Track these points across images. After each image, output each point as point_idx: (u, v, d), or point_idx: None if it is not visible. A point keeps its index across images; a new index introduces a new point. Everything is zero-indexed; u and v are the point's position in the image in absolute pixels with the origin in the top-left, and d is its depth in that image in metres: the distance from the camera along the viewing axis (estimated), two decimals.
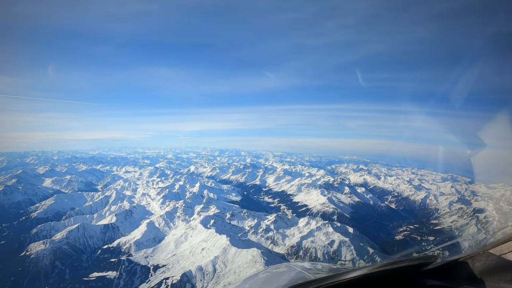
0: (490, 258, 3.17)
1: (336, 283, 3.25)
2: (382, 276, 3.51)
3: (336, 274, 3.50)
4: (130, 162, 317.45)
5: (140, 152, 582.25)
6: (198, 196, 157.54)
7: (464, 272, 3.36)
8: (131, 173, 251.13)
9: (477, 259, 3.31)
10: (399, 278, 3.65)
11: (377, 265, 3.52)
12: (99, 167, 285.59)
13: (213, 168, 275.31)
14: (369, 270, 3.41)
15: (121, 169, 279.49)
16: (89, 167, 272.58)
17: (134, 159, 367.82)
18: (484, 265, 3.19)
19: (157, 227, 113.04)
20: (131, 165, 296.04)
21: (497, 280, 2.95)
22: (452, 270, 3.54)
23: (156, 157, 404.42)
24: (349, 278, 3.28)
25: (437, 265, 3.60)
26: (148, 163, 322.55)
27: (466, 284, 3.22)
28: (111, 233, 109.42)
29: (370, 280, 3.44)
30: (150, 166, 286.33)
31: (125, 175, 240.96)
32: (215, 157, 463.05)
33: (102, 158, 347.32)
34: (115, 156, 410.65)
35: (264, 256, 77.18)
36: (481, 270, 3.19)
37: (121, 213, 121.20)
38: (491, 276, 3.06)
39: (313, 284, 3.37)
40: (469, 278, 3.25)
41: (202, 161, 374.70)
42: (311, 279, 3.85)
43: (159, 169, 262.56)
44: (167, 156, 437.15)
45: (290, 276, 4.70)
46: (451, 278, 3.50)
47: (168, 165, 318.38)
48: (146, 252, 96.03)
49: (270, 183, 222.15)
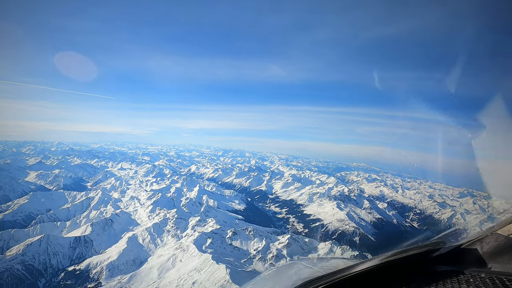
0: (498, 239, 3.18)
1: (346, 276, 3.23)
2: (392, 266, 3.43)
3: (346, 267, 3.39)
4: (128, 158, 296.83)
5: (142, 148, 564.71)
6: (195, 203, 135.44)
7: (473, 255, 3.35)
8: (126, 171, 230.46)
9: (486, 241, 3.30)
10: (409, 266, 3.61)
11: (387, 255, 3.41)
12: (94, 162, 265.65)
13: (216, 169, 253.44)
14: (379, 260, 3.34)
15: (117, 165, 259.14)
16: (83, 162, 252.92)
17: (134, 155, 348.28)
18: (493, 246, 3.20)
19: (140, 243, 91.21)
20: (129, 161, 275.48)
21: (507, 261, 2.96)
22: (461, 254, 3.54)
23: (157, 154, 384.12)
24: (359, 270, 3.24)
25: (446, 250, 3.61)
26: (147, 160, 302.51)
27: (475, 266, 3.21)
28: (82, 249, 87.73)
29: (380, 270, 3.39)
30: (149, 163, 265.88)
31: (119, 173, 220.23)
32: (218, 157, 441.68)
33: (99, 152, 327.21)
34: (115, 151, 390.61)
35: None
36: (490, 252, 3.20)
37: (100, 222, 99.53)
38: (501, 256, 3.06)
39: (324, 279, 3.31)
40: (479, 260, 3.24)
41: (205, 160, 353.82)
42: (321, 275, 3.59)
43: (157, 167, 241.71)
44: (168, 154, 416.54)
45: (301, 273, 4.58)
46: (461, 261, 3.49)
47: (168, 163, 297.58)
48: (121, 280, 74.17)
49: (277, 190, 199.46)
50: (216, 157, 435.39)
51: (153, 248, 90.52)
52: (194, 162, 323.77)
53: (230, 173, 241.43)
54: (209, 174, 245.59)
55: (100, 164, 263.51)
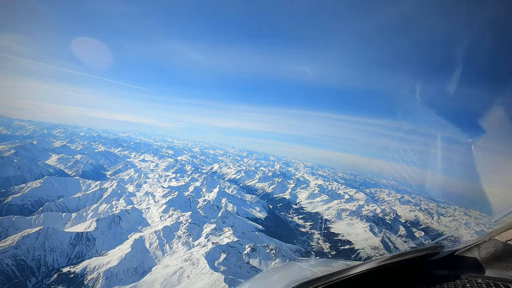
0: (496, 245, 3.12)
1: (344, 278, 3.20)
2: (389, 269, 3.43)
3: (343, 270, 3.36)
4: (152, 150, 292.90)
5: (168, 141, 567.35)
6: (213, 206, 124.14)
7: (470, 260, 3.31)
8: (147, 163, 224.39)
9: (484, 246, 3.24)
10: (406, 270, 3.59)
11: (385, 258, 3.40)
12: (117, 151, 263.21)
13: (238, 170, 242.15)
14: (376, 263, 3.32)
15: (139, 156, 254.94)
16: (107, 149, 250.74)
17: (158, 148, 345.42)
18: (490, 252, 3.14)
19: (147, 248, 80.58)
20: (152, 153, 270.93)
21: (505, 267, 2.94)
22: (459, 259, 3.47)
23: (181, 149, 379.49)
24: (356, 272, 3.22)
25: (444, 254, 3.56)
26: (170, 154, 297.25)
27: (473, 272, 3.19)
28: (82, 248, 78.34)
29: (378, 273, 3.38)
30: (172, 157, 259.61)
31: (140, 164, 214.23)
32: (242, 158, 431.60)
33: (125, 142, 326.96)
34: (140, 142, 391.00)
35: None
36: (487, 257, 3.15)
37: (107, 218, 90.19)
38: (498, 262, 3.02)
39: (321, 280, 3.28)
40: (476, 266, 3.21)
41: (228, 160, 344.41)
42: (319, 276, 3.56)
43: (179, 162, 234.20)
44: (193, 149, 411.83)
45: (298, 274, 4.47)
46: (458, 266, 3.43)
47: (191, 159, 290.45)
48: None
49: (302, 200, 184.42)
50: (240, 157, 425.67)
51: (160, 255, 79.56)
52: (217, 161, 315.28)
53: (253, 176, 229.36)
54: (231, 174, 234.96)
55: (123, 153, 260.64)
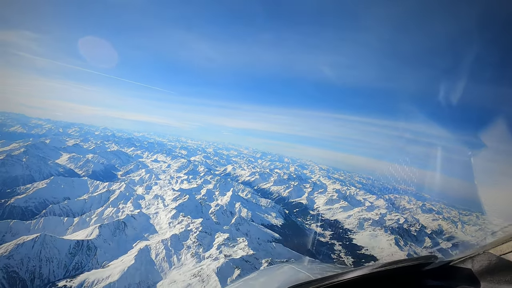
0: (490, 258, 3.16)
1: (336, 283, 3.24)
2: (382, 277, 3.49)
3: (336, 274, 3.42)
4: (165, 150, 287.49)
5: (182, 141, 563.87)
6: (226, 212, 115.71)
7: (464, 272, 3.34)
8: (159, 163, 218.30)
9: (477, 259, 3.29)
10: (399, 278, 3.63)
11: (378, 265, 3.45)
12: (130, 150, 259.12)
13: (253, 172, 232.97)
14: (369, 270, 3.37)
15: (152, 156, 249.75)
16: (119, 149, 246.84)
17: (172, 148, 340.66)
18: (484, 265, 3.18)
19: (152, 259, 72.53)
20: (164, 153, 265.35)
21: (497, 281, 2.96)
22: (452, 270, 3.51)
23: (194, 149, 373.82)
24: (349, 278, 3.26)
25: (437, 265, 3.59)
26: (184, 155, 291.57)
27: (466, 284, 3.21)
28: (82, 258, 70.96)
29: (370, 280, 3.42)
30: (185, 158, 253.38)
31: (152, 165, 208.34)
32: (256, 159, 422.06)
33: (139, 141, 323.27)
34: (154, 141, 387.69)
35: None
36: (481, 270, 3.18)
37: (111, 224, 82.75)
38: (491, 276, 3.05)
39: (314, 284, 3.33)
40: (469, 278, 3.24)
41: (242, 161, 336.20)
42: (311, 279, 3.72)
43: (192, 163, 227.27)
44: (207, 150, 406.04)
45: (291, 276, 4.58)
46: (451, 278, 3.48)
47: (205, 160, 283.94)
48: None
49: (320, 205, 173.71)
50: (254, 159, 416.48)
51: (167, 268, 71.38)
52: (231, 162, 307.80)
53: (267, 178, 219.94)
54: (245, 176, 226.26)
55: (136, 153, 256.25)
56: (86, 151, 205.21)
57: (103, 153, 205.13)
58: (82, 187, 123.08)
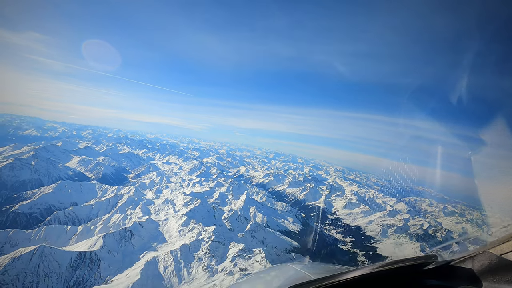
0: (490, 258, 3.20)
1: (336, 283, 3.26)
2: (382, 276, 3.51)
3: (336, 274, 3.43)
4: (177, 151, 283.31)
5: (195, 142, 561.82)
6: (240, 217, 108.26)
7: (464, 272, 3.38)
8: (171, 165, 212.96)
9: (478, 258, 3.32)
10: (399, 278, 3.65)
11: (378, 265, 3.49)
12: (142, 152, 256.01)
13: (267, 174, 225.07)
14: (369, 270, 3.40)
15: (164, 158, 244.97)
16: (131, 151, 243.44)
17: (184, 149, 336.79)
18: (484, 264, 3.22)
19: (160, 273, 65.59)
20: (176, 155, 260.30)
21: (498, 280, 2.99)
22: (453, 269, 3.55)
23: (207, 150, 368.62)
24: (349, 278, 3.29)
25: (437, 264, 3.63)
26: (196, 156, 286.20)
27: (467, 284, 3.24)
28: (84, 272, 64.58)
29: (371, 280, 3.44)
30: (197, 159, 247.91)
31: (163, 167, 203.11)
32: (270, 160, 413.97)
33: (151, 143, 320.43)
34: (166, 143, 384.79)
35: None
36: (481, 270, 3.22)
37: (116, 233, 76.33)
38: (492, 275, 3.09)
39: (314, 284, 3.34)
40: (470, 277, 3.27)
41: (255, 162, 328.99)
42: (311, 279, 3.71)
43: (204, 165, 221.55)
44: (219, 151, 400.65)
45: (291, 276, 4.65)
46: (451, 278, 3.51)
47: (217, 161, 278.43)
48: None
49: (338, 209, 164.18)
50: (267, 159, 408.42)
51: (176, 283, 64.29)
52: (244, 163, 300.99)
53: (282, 180, 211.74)
54: (259, 178, 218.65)
55: (147, 155, 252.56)
56: (97, 154, 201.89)
57: (114, 156, 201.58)
58: (90, 191, 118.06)
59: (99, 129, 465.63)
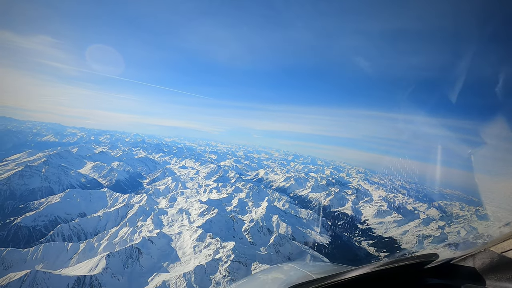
0: (491, 256, 3.19)
1: (337, 282, 3.25)
2: (383, 275, 3.47)
3: (337, 273, 3.37)
4: (194, 155, 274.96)
5: (212, 145, 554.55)
6: (263, 228, 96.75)
7: (465, 270, 3.37)
8: (187, 169, 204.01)
9: (479, 257, 3.31)
10: (400, 277, 3.62)
11: (379, 264, 3.41)
12: (158, 157, 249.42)
13: (287, 177, 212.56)
14: (370, 269, 3.33)
15: (180, 162, 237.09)
16: (147, 155, 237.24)
17: (201, 152, 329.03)
18: (485, 263, 3.21)
19: None
20: (193, 158, 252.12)
21: (499, 278, 2.99)
22: (453, 268, 3.53)
23: (224, 153, 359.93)
24: (350, 277, 3.25)
25: (438, 263, 3.57)
26: (213, 159, 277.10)
27: (468, 282, 3.23)
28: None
29: (372, 278, 3.43)
30: (214, 163, 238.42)
31: (179, 171, 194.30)
32: (289, 162, 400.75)
33: (168, 147, 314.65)
34: (184, 146, 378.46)
35: None
36: (482, 268, 3.21)
37: (122, 252, 66.38)
38: (493, 274, 3.08)
39: (315, 283, 3.31)
40: (471, 276, 3.26)
41: (274, 165, 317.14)
42: (312, 278, 3.68)
43: (221, 168, 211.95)
44: (237, 153, 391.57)
45: (292, 276, 4.62)
46: (452, 276, 3.49)
47: (235, 164, 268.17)
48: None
49: (368, 217, 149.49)
50: (287, 162, 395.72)
51: None
52: (262, 166, 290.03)
53: (304, 184, 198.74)
54: (280, 182, 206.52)
55: (164, 159, 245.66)
56: (112, 159, 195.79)
57: (129, 161, 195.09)
58: (100, 200, 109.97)
59: (117, 134, 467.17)
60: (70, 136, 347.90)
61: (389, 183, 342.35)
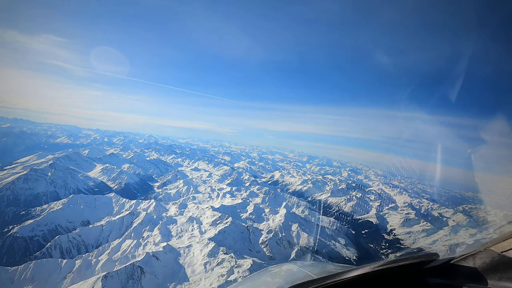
0: (491, 256, 3.20)
1: (338, 281, 3.27)
2: (384, 275, 3.49)
3: (338, 273, 3.40)
4: (208, 156, 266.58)
5: (226, 146, 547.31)
6: (282, 241, 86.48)
7: (465, 270, 3.39)
8: (200, 172, 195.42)
9: (479, 256, 3.32)
10: (400, 276, 3.64)
11: (379, 264, 3.45)
12: (170, 158, 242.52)
13: (304, 180, 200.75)
14: (371, 268, 3.38)
15: (193, 164, 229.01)
16: (159, 157, 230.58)
17: (215, 153, 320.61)
18: (485, 262, 3.22)
19: None
20: (206, 160, 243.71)
21: (499, 278, 3.00)
22: (454, 267, 3.56)
23: (238, 155, 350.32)
24: (351, 276, 3.28)
25: (438, 263, 3.63)
26: (227, 161, 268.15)
27: (468, 282, 3.26)
28: None
29: (372, 278, 3.45)
30: (228, 165, 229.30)
31: (192, 174, 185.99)
32: (304, 163, 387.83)
33: (180, 148, 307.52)
34: (197, 148, 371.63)
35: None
36: (482, 268, 3.22)
37: (121, 272, 57.22)
38: (493, 273, 3.10)
39: (315, 283, 3.33)
40: (471, 275, 3.29)
41: (289, 166, 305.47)
42: (313, 278, 3.68)
43: (235, 170, 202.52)
44: (251, 155, 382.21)
45: (293, 275, 4.60)
46: (452, 275, 3.52)
47: (249, 166, 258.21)
48: None
49: (395, 227, 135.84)
50: (302, 163, 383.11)
51: None
52: (277, 168, 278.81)
53: (322, 188, 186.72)
54: (296, 185, 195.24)
55: (176, 161, 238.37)
56: (123, 161, 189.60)
57: (140, 163, 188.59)
58: (105, 206, 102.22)
59: (131, 135, 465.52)
60: (84, 138, 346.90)
61: (410, 186, 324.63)
